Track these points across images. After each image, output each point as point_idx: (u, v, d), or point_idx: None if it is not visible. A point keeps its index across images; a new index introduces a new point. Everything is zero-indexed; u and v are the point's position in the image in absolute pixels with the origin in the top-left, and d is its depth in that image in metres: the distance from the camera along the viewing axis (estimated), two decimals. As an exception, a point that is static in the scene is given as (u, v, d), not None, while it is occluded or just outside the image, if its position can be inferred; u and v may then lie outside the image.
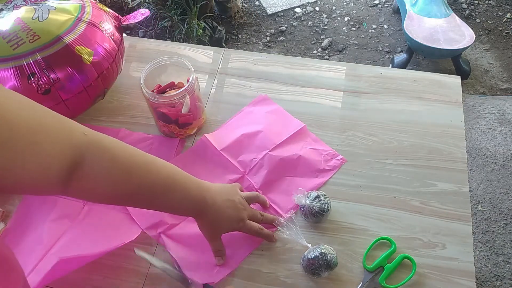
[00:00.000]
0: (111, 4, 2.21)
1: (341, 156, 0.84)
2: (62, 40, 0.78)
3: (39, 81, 0.76)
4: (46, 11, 0.81)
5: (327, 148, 0.85)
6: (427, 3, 2.00)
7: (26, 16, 0.80)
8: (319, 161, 0.83)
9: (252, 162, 0.83)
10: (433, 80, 0.96)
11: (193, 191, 0.65)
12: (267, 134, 0.86)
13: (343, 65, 1.01)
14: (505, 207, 1.59)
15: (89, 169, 0.52)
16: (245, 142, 0.86)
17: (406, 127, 0.89)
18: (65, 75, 0.78)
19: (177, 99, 0.79)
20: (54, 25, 0.79)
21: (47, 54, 0.77)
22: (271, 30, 2.30)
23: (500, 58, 2.14)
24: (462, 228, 0.76)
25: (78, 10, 0.83)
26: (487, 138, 1.78)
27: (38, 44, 0.77)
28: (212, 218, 0.68)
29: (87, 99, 0.84)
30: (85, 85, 0.81)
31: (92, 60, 0.81)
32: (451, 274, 0.71)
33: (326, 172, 0.83)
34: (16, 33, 0.77)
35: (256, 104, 0.93)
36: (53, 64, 0.77)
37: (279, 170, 0.82)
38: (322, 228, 0.77)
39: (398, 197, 0.80)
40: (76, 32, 0.80)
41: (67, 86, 0.79)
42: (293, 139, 0.86)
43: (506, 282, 1.43)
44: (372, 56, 2.17)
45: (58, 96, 0.79)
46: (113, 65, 0.86)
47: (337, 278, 0.72)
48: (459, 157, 0.84)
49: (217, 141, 0.86)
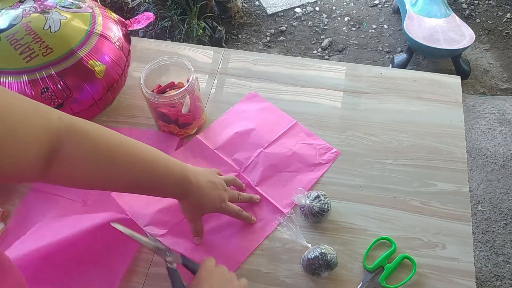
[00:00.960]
0: (111, 4, 2.21)
1: (335, 149, 0.85)
2: (75, 54, 0.78)
3: (52, 96, 0.76)
4: (57, 21, 0.80)
5: (321, 142, 0.86)
6: (427, 3, 2.00)
7: (37, 26, 0.79)
8: (313, 156, 0.84)
9: (248, 160, 0.84)
10: (433, 80, 0.96)
11: (176, 171, 0.65)
12: (260, 131, 0.87)
13: (343, 65, 1.01)
14: (505, 207, 1.59)
15: (68, 153, 0.52)
16: (239, 140, 0.86)
17: (406, 127, 0.89)
18: (78, 89, 0.79)
19: (177, 99, 0.79)
20: (67, 38, 0.79)
21: (60, 69, 0.77)
22: (271, 30, 2.29)
23: (500, 58, 2.14)
24: (462, 228, 0.76)
25: (89, 21, 0.83)
26: (487, 138, 1.78)
27: (51, 58, 0.77)
28: (196, 198, 0.69)
29: (96, 111, 0.85)
30: (96, 98, 0.82)
31: (104, 74, 0.81)
32: (451, 274, 0.71)
33: (321, 165, 0.83)
34: (28, 44, 0.77)
35: (247, 101, 0.93)
36: (67, 78, 0.77)
37: (274, 167, 0.83)
38: (322, 228, 0.77)
39: (398, 197, 0.80)
40: (89, 45, 0.80)
41: (79, 100, 0.80)
42: (287, 135, 0.87)
43: (506, 282, 1.43)
44: (372, 56, 2.17)
45: (70, 110, 0.79)
46: (122, 76, 0.87)
47: (337, 278, 0.72)
48: (459, 157, 0.84)
49: (210, 141, 0.86)
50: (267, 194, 0.80)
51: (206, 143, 0.86)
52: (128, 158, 0.59)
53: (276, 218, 0.76)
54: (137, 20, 0.93)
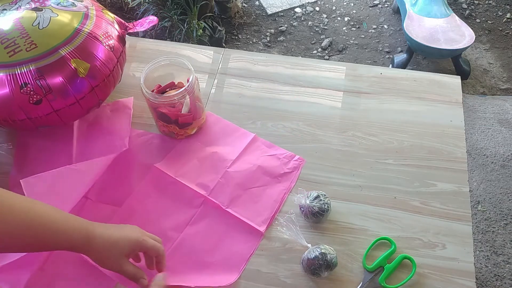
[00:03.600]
0: (111, 4, 2.21)
1: (298, 156, 0.85)
2: (58, 51, 0.77)
3: (31, 91, 0.75)
4: (48, 18, 0.80)
5: (283, 151, 0.86)
6: (427, 3, 2.00)
7: (27, 22, 0.79)
8: (278, 166, 0.83)
9: (213, 182, 0.81)
10: (433, 80, 0.96)
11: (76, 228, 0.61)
12: (221, 153, 0.85)
13: (343, 65, 1.01)
14: (505, 207, 1.59)
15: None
16: (200, 164, 0.84)
17: (406, 127, 0.89)
18: (58, 87, 0.77)
19: (177, 99, 0.79)
20: (53, 35, 0.78)
21: (41, 65, 0.76)
22: (271, 30, 2.30)
23: (500, 58, 2.14)
24: (462, 228, 0.76)
25: (80, 19, 0.82)
26: (487, 138, 1.78)
27: (34, 53, 0.76)
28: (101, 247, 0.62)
29: (79, 110, 0.83)
30: (78, 97, 0.80)
31: (87, 73, 0.79)
32: (451, 274, 0.71)
33: (288, 174, 0.83)
34: (15, 39, 0.76)
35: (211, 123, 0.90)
36: (47, 75, 0.76)
37: (242, 185, 0.81)
38: (322, 228, 0.77)
39: (398, 197, 0.80)
40: (74, 44, 0.78)
41: (59, 98, 0.78)
42: (248, 150, 0.86)
43: (506, 282, 1.43)
44: (372, 56, 2.17)
45: (49, 106, 0.78)
46: (109, 78, 0.84)
47: (337, 278, 0.72)
48: (459, 157, 0.84)
49: (170, 169, 0.83)
50: (241, 214, 0.78)
51: (166, 172, 0.83)
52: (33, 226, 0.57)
53: (255, 239, 0.75)
54: (139, 23, 0.92)
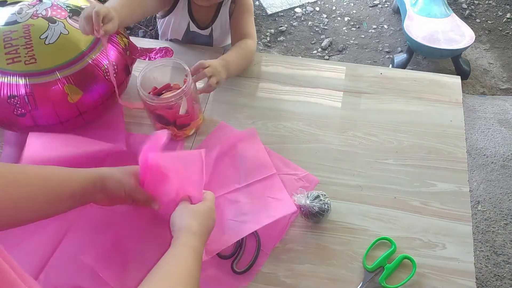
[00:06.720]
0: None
1: (294, 209, 0.76)
2: (55, 73, 0.75)
3: (17, 104, 0.75)
4: (57, 33, 0.77)
5: (286, 196, 0.79)
6: (427, 3, 2.00)
7: (36, 32, 0.76)
8: (273, 209, 0.77)
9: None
10: (433, 80, 0.96)
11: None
12: (241, 171, 0.83)
13: (343, 65, 1.01)
14: (505, 207, 1.59)
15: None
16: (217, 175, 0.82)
17: (406, 127, 0.88)
18: (44, 107, 0.76)
19: (174, 100, 0.78)
20: (55, 54, 0.76)
21: (34, 82, 0.75)
22: (271, 30, 2.29)
23: (500, 58, 2.14)
24: (462, 228, 0.76)
25: (89, 43, 0.79)
26: (487, 138, 1.78)
27: (31, 69, 0.74)
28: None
29: (61, 130, 0.81)
30: (63, 119, 0.79)
31: (78, 100, 0.78)
32: (451, 274, 0.71)
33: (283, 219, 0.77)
34: (18, 47, 0.75)
35: (243, 139, 0.87)
36: (37, 93, 0.75)
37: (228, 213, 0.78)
38: (322, 228, 0.77)
39: (398, 197, 0.80)
40: (73, 69, 0.77)
41: (44, 117, 0.77)
42: (260, 183, 0.81)
43: (506, 282, 1.43)
44: (372, 56, 2.17)
45: (32, 121, 0.77)
46: (101, 106, 0.83)
47: (337, 278, 0.71)
48: (459, 157, 0.84)
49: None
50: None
51: None
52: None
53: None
54: (155, 51, 0.91)
